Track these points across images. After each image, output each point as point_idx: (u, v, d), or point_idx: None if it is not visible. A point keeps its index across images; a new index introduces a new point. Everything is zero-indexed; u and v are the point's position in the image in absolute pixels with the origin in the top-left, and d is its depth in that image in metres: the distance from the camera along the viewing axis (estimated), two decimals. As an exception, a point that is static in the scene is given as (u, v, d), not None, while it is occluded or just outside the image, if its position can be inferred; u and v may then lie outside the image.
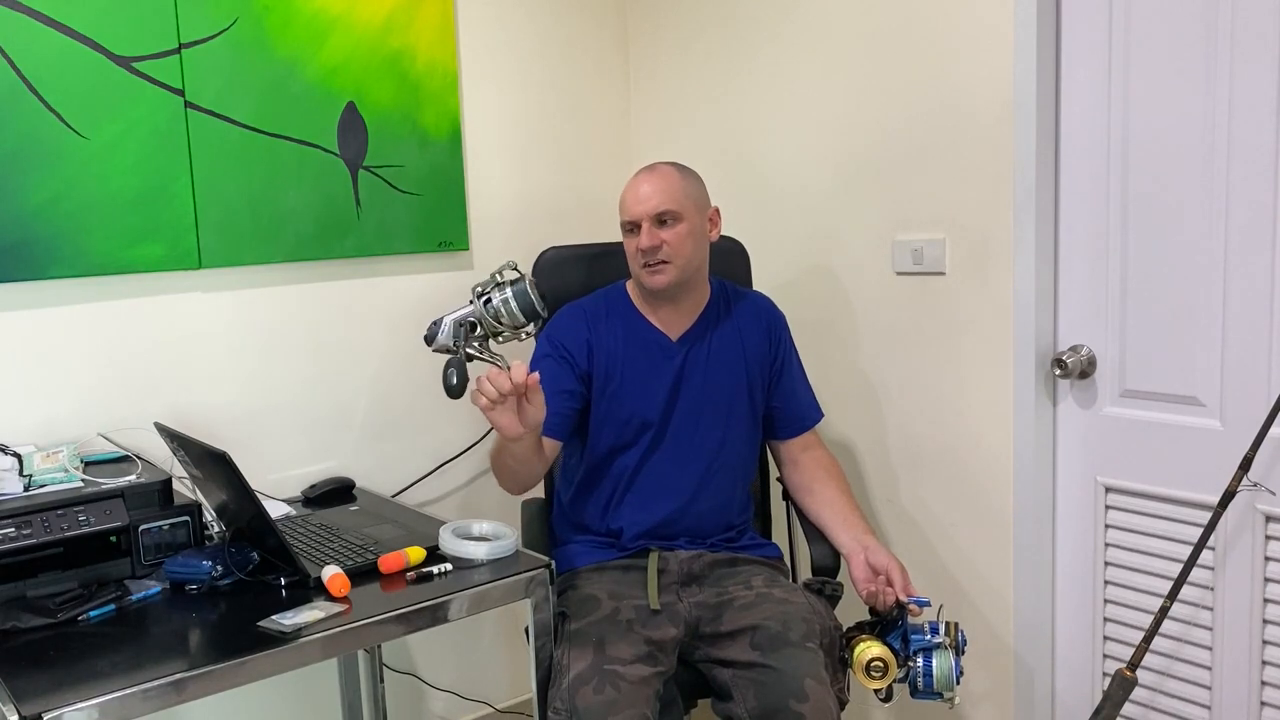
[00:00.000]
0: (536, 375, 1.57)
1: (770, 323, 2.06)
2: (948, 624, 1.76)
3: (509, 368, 1.55)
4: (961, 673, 1.73)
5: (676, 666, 1.78)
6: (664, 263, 1.91)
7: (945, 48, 2.12)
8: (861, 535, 1.91)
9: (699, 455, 1.97)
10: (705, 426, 1.97)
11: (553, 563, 1.76)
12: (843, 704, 1.74)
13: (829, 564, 1.94)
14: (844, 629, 1.82)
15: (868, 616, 1.84)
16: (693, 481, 1.96)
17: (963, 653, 1.75)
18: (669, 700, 1.74)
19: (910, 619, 1.77)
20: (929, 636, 1.74)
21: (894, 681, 1.72)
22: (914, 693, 1.75)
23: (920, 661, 1.72)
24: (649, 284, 1.94)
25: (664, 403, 1.96)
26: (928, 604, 1.79)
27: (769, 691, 1.67)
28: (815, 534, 2.00)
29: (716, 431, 1.98)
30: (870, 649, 1.71)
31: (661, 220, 1.91)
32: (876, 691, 1.75)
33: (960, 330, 2.17)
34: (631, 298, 2.03)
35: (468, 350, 1.62)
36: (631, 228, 1.94)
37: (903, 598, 1.78)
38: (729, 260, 2.24)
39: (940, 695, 1.72)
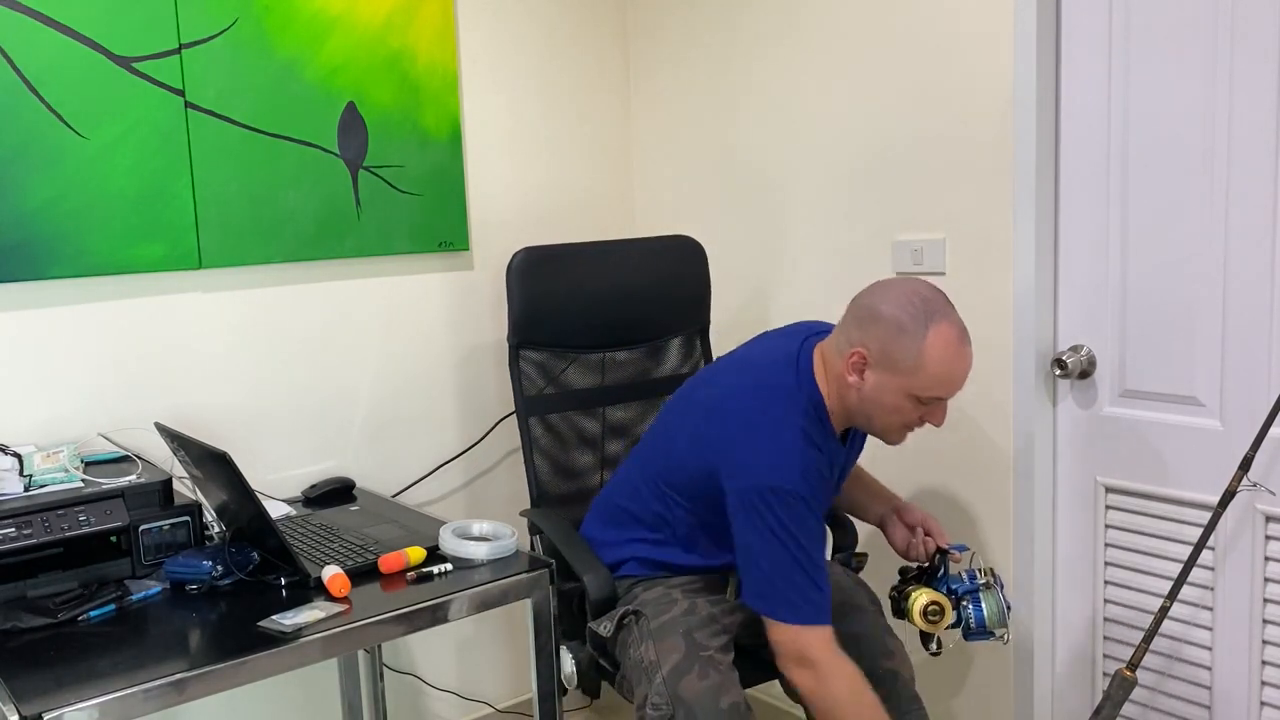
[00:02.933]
0: None
1: None
2: (982, 569, 1.81)
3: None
4: (1009, 608, 1.79)
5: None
6: None
7: (945, 48, 2.12)
8: (890, 500, 1.94)
9: None
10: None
11: (552, 565, 1.75)
12: None
13: (847, 541, 2.05)
14: (894, 586, 1.87)
15: (907, 576, 1.90)
16: None
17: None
18: None
19: (951, 567, 1.82)
20: (970, 581, 1.80)
21: (946, 627, 1.78)
22: (967, 634, 1.79)
23: (970, 604, 1.78)
24: (894, 442, 1.72)
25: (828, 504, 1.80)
26: (966, 549, 1.85)
27: (858, 657, 1.69)
28: (834, 519, 2.06)
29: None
30: (924, 595, 1.76)
31: None
32: (927, 646, 1.81)
33: (960, 330, 2.17)
34: (828, 410, 1.71)
35: None
36: (932, 401, 1.65)
37: (943, 544, 1.83)
38: (683, 259, 2.34)
39: (993, 633, 1.78)
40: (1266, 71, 1.72)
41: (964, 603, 1.78)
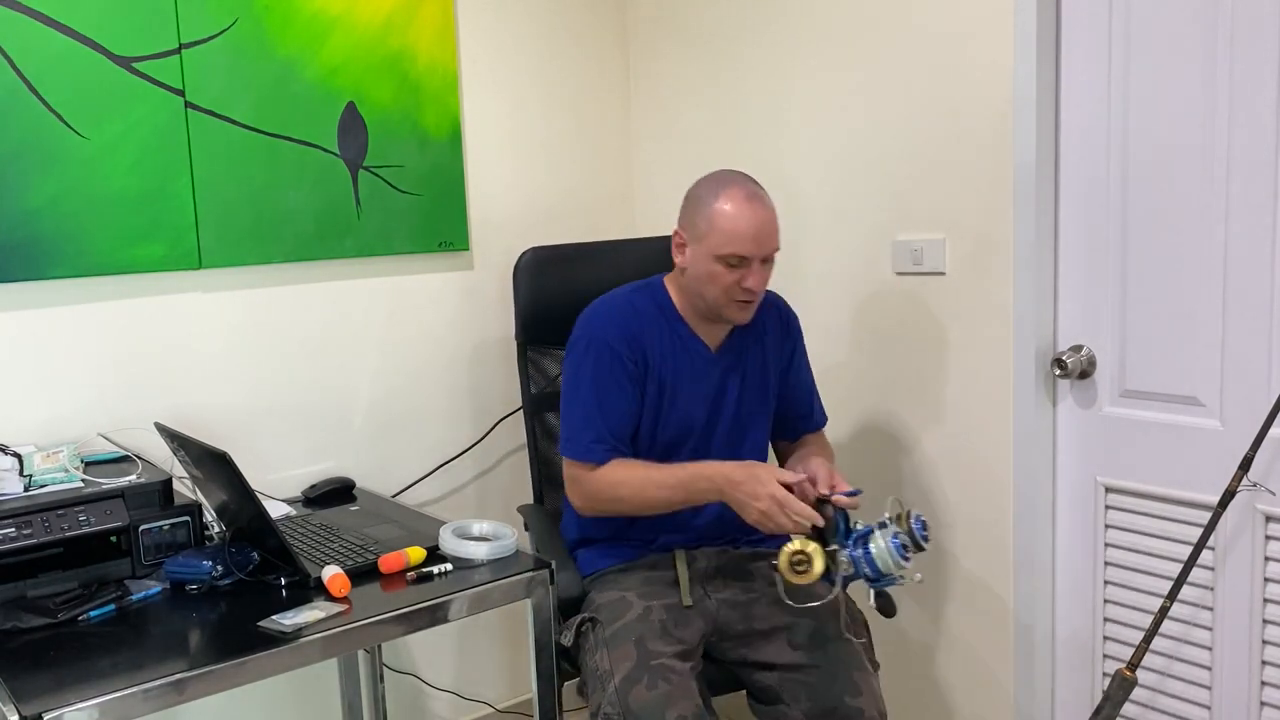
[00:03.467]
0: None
1: (786, 322, 2.02)
2: (899, 514, 1.66)
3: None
4: (904, 548, 1.60)
5: (703, 664, 1.78)
6: (753, 300, 1.82)
7: (946, 48, 2.12)
8: (807, 461, 1.83)
9: (735, 460, 1.93)
10: (741, 434, 1.94)
11: (553, 563, 1.75)
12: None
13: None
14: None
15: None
16: None
17: (924, 539, 1.63)
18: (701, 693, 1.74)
19: (853, 517, 1.69)
20: (874, 528, 1.64)
21: (841, 576, 1.63)
22: (870, 583, 1.65)
23: (861, 551, 1.62)
24: (735, 319, 1.84)
25: (705, 419, 1.90)
26: (857, 493, 1.69)
27: (821, 691, 1.68)
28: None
29: (749, 437, 1.95)
30: (790, 545, 1.61)
31: (765, 259, 1.81)
32: (877, 607, 1.66)
33: (960, 330, 2.17)
34: (675, 303, 1.91)
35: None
36: (739, 261, 1.77)
37: (824, 491, 1.69)
38: None
39: (899, 578, 1.63)
40: (1266, 72, 1.72)
41: (856, 552, 1.63)
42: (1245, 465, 1.70)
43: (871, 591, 1.64)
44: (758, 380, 1.95)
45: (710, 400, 1.90)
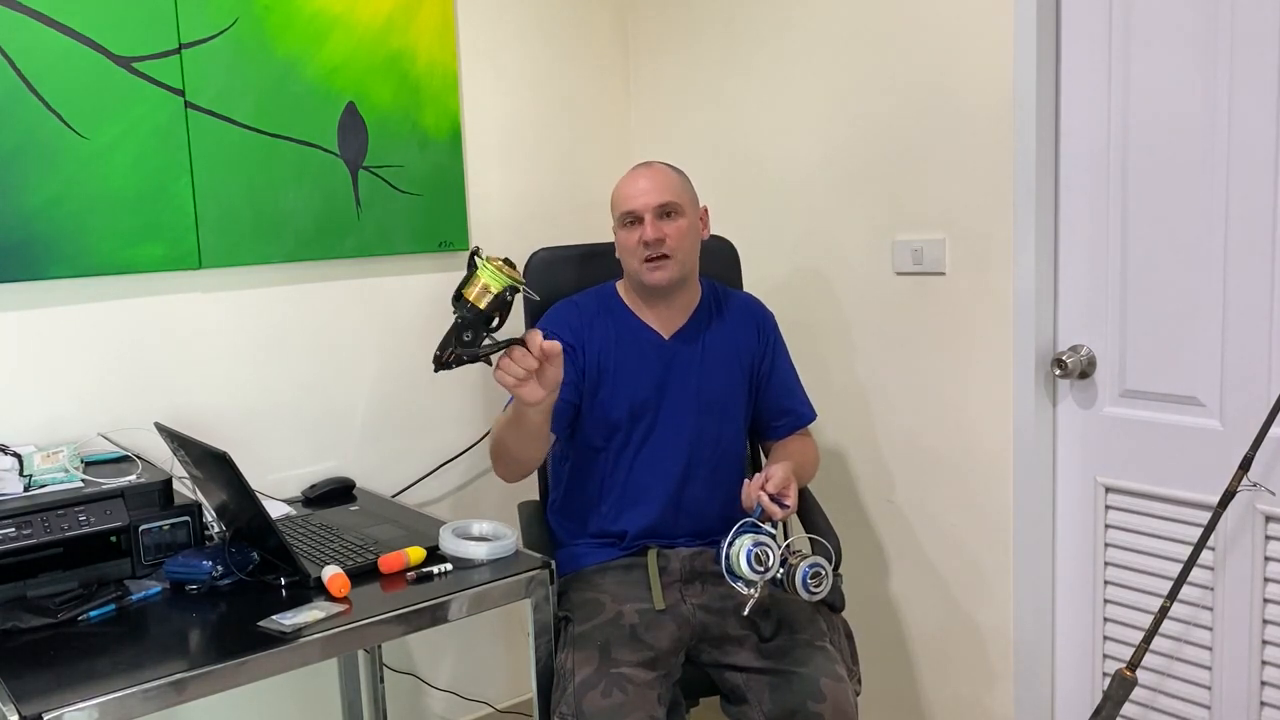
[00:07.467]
0: (556, 344, 1.60)
1: (760, 321, 2.07)
2: (797, 551, 1.67)
3: (524, 342, 1.58)
4: (759, 560, 1.63)
5: (682, 670, 1.77)
6: (665, 257, 1.91)
7: (945, 47, 2.12)
8: (773, 463, 1.85)
9: (697, 451, 1.96)
10: (702, 422, 1.97)
11: (553, 563, 1.75)
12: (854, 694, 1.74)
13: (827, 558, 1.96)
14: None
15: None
16: (690, 476, 1.96)
17: (805, 587, 1.64)
18: (673, 702, 1.74)
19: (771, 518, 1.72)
20: (765, 534, 1.67)
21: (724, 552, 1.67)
22: (716, 563, 1.70)
23: (733, 535, 1.67)
24: (650, 280, 1.92)
25: (654, 398, 1.96)
26: (785, 507, 1.72)
27: (785, 694, 1.68)
28: (811, 528, 2.01)
29: (713, 428, 1.98)
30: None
31: (664, 213, 1.91)
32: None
33: (960, 330, 2.17)
34: (623, 297, 2.03)
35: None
36: (632, 221, 1.93)
37: (767, 488, 1.72)
38: (719, 259, 2.25)
39: (738, 578, 1.65)
40: (1266, 71, 1.72)
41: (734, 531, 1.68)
42: (1245, 465, 1.70)
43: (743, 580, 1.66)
44: (722, 368, 2.00)
45: (658, 382, 1.96)
